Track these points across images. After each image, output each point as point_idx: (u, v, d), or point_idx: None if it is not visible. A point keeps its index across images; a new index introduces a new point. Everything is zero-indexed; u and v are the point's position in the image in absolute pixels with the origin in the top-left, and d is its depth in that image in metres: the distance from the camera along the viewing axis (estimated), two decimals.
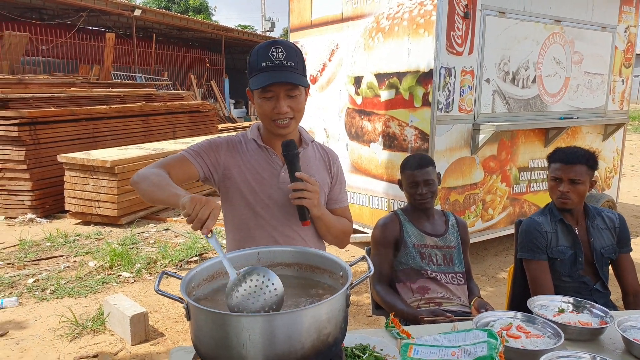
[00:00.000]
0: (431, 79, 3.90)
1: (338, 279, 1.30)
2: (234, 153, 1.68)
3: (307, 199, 1.55)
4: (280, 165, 1.68)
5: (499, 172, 4.55)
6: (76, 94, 8.49)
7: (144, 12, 15.57)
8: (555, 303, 1.74)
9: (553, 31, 4.66)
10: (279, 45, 1.53)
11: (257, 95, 1.57)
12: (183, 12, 27.45)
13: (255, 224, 1.68)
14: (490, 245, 5.03)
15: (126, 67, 16.34)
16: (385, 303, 2.17)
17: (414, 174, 2.20)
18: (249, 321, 1.04)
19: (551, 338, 1.47)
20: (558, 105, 4.91)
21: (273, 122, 1.59)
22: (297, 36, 5.32)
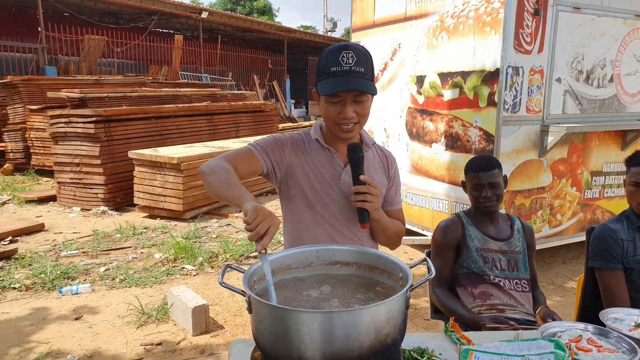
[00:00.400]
0: (497, 79, 3.77)
1: (397, 280, 1.29)
2: (297, 152, 1.70)
3: (369, 202, 1.55)
4: (342, 167, 1.69)
5: (568, 176, 4.31)
6: (146, 94, 8.97)
7: (210, 14, 16.16)
8: (631, 317, 1.63)
9: (634, 27, 4.35)
10: (350, 50, 1.52)
11: (324, 99, 1.57)
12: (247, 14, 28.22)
13: (314, 222, 1.70)
14: (557, 253, 4.78)
15: (193, 67, 17.05)
16: (444, 307, 2.12)
17: (479, 175, 2.14)
18: (309, 317, 1.05)
19: (626, 354, 1.38)
20: (638, 105, 4.58)
21: (337, 126, 1.60)
22: (359, 36, 5.31)
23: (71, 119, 6.39)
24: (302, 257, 1.42)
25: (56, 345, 3.09)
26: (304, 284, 1.36)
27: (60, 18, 14.66)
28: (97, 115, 6.32)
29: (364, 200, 1.55)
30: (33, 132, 8.20)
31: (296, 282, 1.37)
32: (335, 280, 1.37)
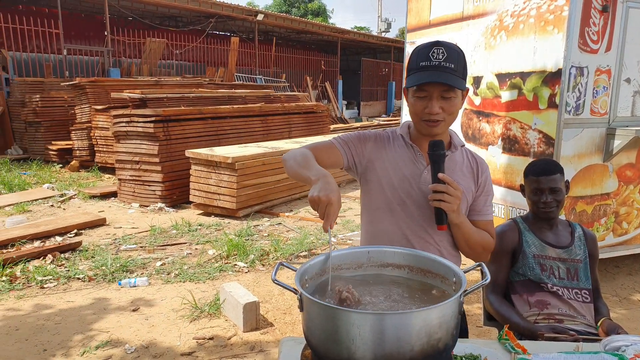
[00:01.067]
0: (559, 79, 3.61)
1: (451, 285, 1.27)
2: (380, 147, 1.70)
3: (446, 202, 1.51)
4: (424, 166, 1.65)
5: (637, 183, 4.06)
6: (203, 95, 9.27)
7: (265, 17, 16.50)
8: None
9: None
10: (441, 47, 1.52)
11: (412, 93, 1.58)
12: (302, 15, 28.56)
13: (390, 219, 1.67)
14: (622, 263, 4.52)
15: (248, 69, 17.46)
16: (498, 314, 2.06)
17: (539, 180, 2.06)
18: (360, 318, 1.06)
19: None
20: None
21: (423, 122, 1.58)
22: (414, 36, 5.25)
23: (132, 118, 6.70)
24: (353, 257, 1.43)
25: (115, 334, 3.25)
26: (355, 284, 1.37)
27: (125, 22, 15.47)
28: (156, 115, 6.60)
29: (441, 199, 1.51)
30: (98, 130, 8.66)
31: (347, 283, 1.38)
32: (387, 282, 1.37)
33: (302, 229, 5.67)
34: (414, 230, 1.65)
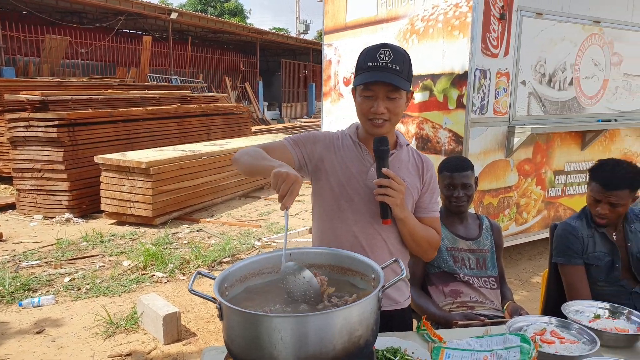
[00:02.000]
0: (466, 81, 3.85)
1: (370, 282, 1.30)
2: (329, 147, 1.73)
3: (390, 196, 1.54)
4: (371, 163, 1.69)
5: (533, 176, 4.44)
6: (113, 96, 8.77)
7: (180, 15, 15.95)
8: (591, 309, 1.70)
9: (592, 32, 4.53)
10: (388, 48, 1.57)
11: (359, 92, 1.62)
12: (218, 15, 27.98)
13: (339, 217, 1.69)
14: (524, 249, 4.92)
15: (162, 69, 16.78)
16: (417, 306, 2.16)
17: (453, 176, 2.18)
18: (281, 322, 1.05)
19: (586, 344, 1.43)
20: (596, 107, 4.76)
21: (369, 121, 1.63)
22: (331, 38, 5.34)
23: (31, 122, 6.15)
24: (274, 261, 1.42)
25: None
26: (276, 288, 1.36)
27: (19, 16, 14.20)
28: (60, 118, 6.13)
29: (384, 194, 1.54)
30: None
31: (268, 287, 1.37)
32: None
33: (224, 234, 5.56)
34: (362, 227, 1.68)
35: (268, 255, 1.43)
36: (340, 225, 1.68)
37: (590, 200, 2.10)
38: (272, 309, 1.23)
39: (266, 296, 1.31)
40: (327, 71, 5.48)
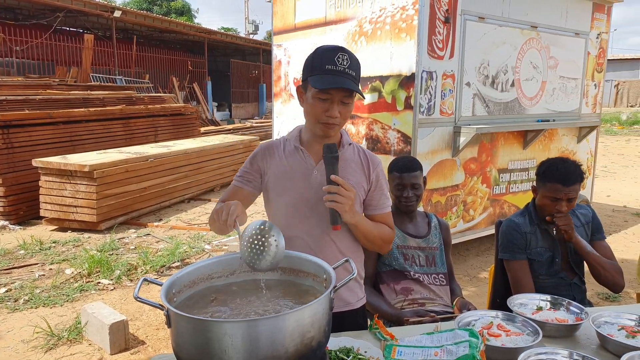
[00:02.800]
0: (413, 83, 3.94)
1: (322, 282, 1.29)
2: (269, 157, 1.73)
3: (338, 203, 1.54)
4: (313, 166, 1.68)
5: (479, 174, 4.61)
6: (52, 97, 8.33)
7: (124, 14, 15.40)
8: (533, 301, 1.77)
9: (530, 36, 4.75)
10: (345, 53, 1.57)
11: (314, 94, 1.59)
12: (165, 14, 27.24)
13: (288, 223, 1.67)
14: (471, 246, 5.08)
15: (106, 69, 16.12)
16: (369, 305, 2.17)
17: (403, 176, 2.22)
18: (231, 327, 1.03)
19: (530, 335, 1.49)
20: (535, 108, 5.00)
21: (321, 124, 1.62)
22: (281, 39, 5.32)
23: None
24: (224, 265, 1.39)
25: None
26: (227, 292, 1.33)
27: None
28: None
29: (333, 200, 1.54)
30: None
31: (218, 291, 1.34)
32: (258, 287, 1.35)
33: (173, 238, 5.41)
34: (310, 231, 1.68)
35: (218, 259, 1.40)
36: (291, 231, 1.66)
37: (547, 201, 2.13)
38: (222, 314, 1.20)
39: (216, 301, 1.28)
40: (277, 72, 5.45)
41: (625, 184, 8.86)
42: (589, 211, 2.30)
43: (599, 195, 7.34)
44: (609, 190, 8.17)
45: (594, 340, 1.54)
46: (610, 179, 9.24)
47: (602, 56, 5.74)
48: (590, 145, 5.79)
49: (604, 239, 2.27)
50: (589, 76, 5.58)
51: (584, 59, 5.44)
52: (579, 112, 5.53)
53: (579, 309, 1.67)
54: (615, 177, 9.55)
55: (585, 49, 5.42)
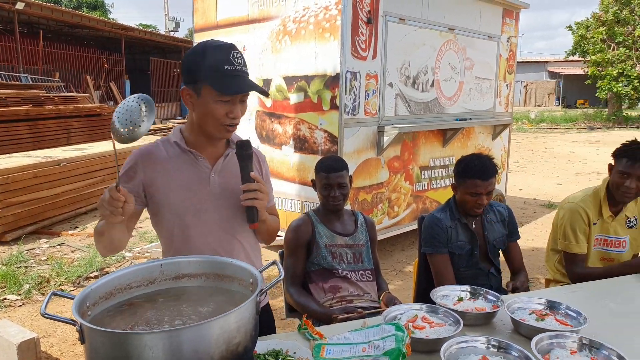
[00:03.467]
0: (338, 83, 3.99)
1: (248, 286, 1.26)
2: (150, 165, 1.59)
3: (259, 200, 1.52)
4: (209, 168, 1.62)
5: (402, 172, 4.77)
6: None
7: (27, 6, 14.25)
8: (455, 292, 1.85)
9: (447, 38, 4.99)
10: (237, 51, 1.51)
11: (214, 97, 1.48)
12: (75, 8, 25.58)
13: (188, 234, 1.60)
14: (397, 241, 5.25)
15: (8, 66, 14.84)
16: (298, 305, 2.17)
17: (329, 176, 2.23)
18: (152, 338, 0.97)
19: (452, 325, 1.55)
20: (454, 107, 5.26)
21: (222, 126, 1.54)
22: (202, 37, 5.16)
23: None
24: (143, 274, 1.31)
25: None
26: (147, 302, 1.26)
27: None
28: None
29: (254, 198, 1.51)
30: None
31: (138, 302, 1.26)
32: (182, 294, 1.29)
33: (90, 246, 5.08)
34: (217, 236, 1.62)
35: (137, 268, 1.32)
36: (193, 242, 1.61)
37: (469, 197, 2.23)
38: (142, 325, 1.13)
39: (135, 312, 1.20)
40: None
41: (535, 178, 9.59)
42: (506, 210, 2.45)
43: (512, 189, 7.88)
44: (520, 184, 8.80)
45: (509, 326, 1.64)
46: (521, 174, 9.96)
47: (512, 58, 6.17)
48: (503, 142, 6.20)
49: (517, 239, 2.45)
50: (501, 77, 5.97)
51: (496, 60, 5.81)
52: (493, 111, 5.90)
53: (495, 297, 1.77)
54: (526, 171, 10.31)
55: (498, 51, 5.79)
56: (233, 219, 1.62)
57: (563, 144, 15.41)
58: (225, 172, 1.64)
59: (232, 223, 1.62)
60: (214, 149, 1.64)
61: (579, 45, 22.45)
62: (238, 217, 1.63)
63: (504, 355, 1.37)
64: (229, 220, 1.62)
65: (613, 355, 1.34)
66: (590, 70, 21.75)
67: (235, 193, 1.59)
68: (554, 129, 20.97)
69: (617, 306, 1.84)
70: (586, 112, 25.56)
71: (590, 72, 21.68)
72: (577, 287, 2.08)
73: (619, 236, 2.48)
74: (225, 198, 1.61)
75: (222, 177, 1.62)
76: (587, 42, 21.74)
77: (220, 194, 1.59)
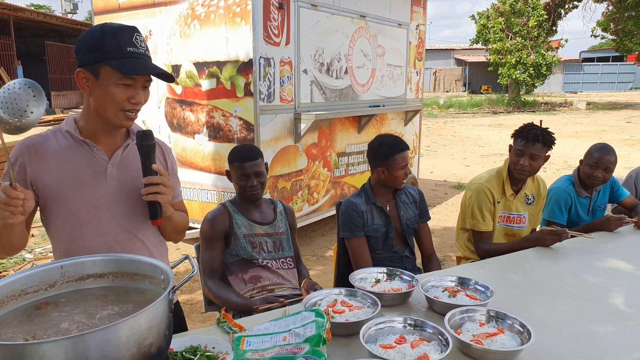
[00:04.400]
0: (251, 69, 3.91)
1: (160, 284, 1.20)
2: (38, 158, 1.45)
3: (163, 194, 1.44)
4: (106, 161, 1.50)
5: (320, 159, 4.81)
6: None
7: None
8: (372, 274, 1.90)
9: (359, 25, 5.08)
10: (139, 33, 1.43)
11: (115, 79, 1.38)
12: None
13: (82, 233, 1.48)
14: (317, 227, 5.32)
15: None
16: (218, 298, 2.11)
17: (244, 166, 2.18)
18: (52, 347, 0.89)
19: (370, 307, 1.59)
20: (367, 94, 5.39)
21: (123, 112, 1.43)
22: (103, 20, 4.80)
23: None
24: (41, 277, 1.20)
25: None
26: (47, 308, 1.15)
27: None
28: None
29: (157, 192, 1.43)
30: None
31: (36, 309, 1.15)
32: (86, 296, 1.20)
33: None
34: (115, 234, 1.52)
35: (33, 271, 1.20)
36: (88, 241, 1.50)
37: (400, 172, 2.31)
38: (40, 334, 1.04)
39: (32, 321, 1.09)
40: None
41: (445, 161, 10.15)
42: (417, 192, 2.55)
43: (423, 172, 8.28)
44: (432, 167, 9.27)
45: (424, 304, 1.72)
46: (432, 157, 10.49)
47: (422, 46, 6.42)
48: (415, 128, 6.48)
49: (428, 220, 2.56)
50: (411, 64, 6.20)
51: (406, 48, 6.02)
52: (404, 98, 6.12)
53: (410, 277, 1.84)
54: (436, 155, 10.88)
55: (407, 38, 6.00)
56: (133, 215, 1.53)
57: (470, 128, 16.45)
58: (124, 165, 1.54)
59: (132, 220, 1.53)
60: (112, 140, 1.53)
61: (481, 34, 23.92)
62: (139, 213, 1.53)
63: (419, 332, 1.43)
64: (128, 217, 1.52)
65: (516, 324, 1.45)
66: (492, 58, 23.31)
67: (136, 188, 1.50)
68: (461, 113, 22.31)
69: (519, 278, 2.00)
70: (490, 98, 27.44)
71: (492, 59, 23.25)
72: (485, 263, 2.23)
73: (519, 213, 2.69)
74: (123, 193, 1.51)
75: (120, 170, 1.52)
76: (488, 32, 23.22)
77: (119, 189, 1.50)
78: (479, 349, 1.33)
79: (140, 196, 1.46)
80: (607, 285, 1.90)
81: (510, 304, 1.67)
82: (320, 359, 1.22)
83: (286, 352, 1.29)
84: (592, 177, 2.74)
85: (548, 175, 7.95)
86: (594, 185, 2.80)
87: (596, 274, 2.03)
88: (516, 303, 1.71)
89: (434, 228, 5.22)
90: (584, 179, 2.81)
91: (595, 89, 37.19)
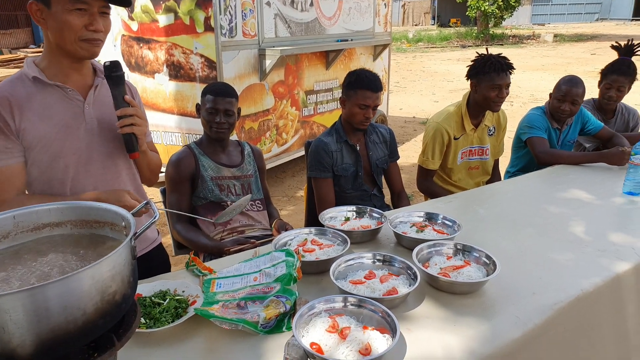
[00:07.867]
0: (211, 2, 3.68)
1: (122, 231, 1.15)
2: (16, 110, 1.36)
3: (137, 125, 1.41)
4: (82, 101, 1.45)
5: (288, 97, 4.70)
6: None
7: None
8: (342, 213, 1.91)
9: None
10: None
11: (67, 5, 1.28)
12: None
13: (67, 177, 1.45)
14: (287, 168, 5.29)
15: None
16: (187, 241, 2.10)
17: (216, 100, 2.10)
18: (8, 300, 0.85)
19: (340, 245, 1.60)
20: (334, 28, 5.20)
21: (83, 42, 1.34)
22: None
23: None
24: None
25: None
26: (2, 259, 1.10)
27: None
28: None
29: (132, 123, 1.40)
30: None
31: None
32: (44, 246, 1.15)
33: None
34: (101, 176, 1.50)
35: None
36: (73, 185, 1.46)
37: (357, 109, 2.24)
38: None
39: None
40: None
41: (414, 97, 10.12)
42: (387, 132, 2.52)
43: (393, 109, 8.25)
44: (401, 103, 9.24)
45: (392, 239, 1.74)
46: (402, 94, 10.43)
47: None
48: (384, 63, 6.36)
49: (397, 159, 2.55)
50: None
51: None
52: (373, 31, 5.95)
53: (379, 214, 1.85)
54: (405, 91, 10.81)
55: None
56: (116, 155, 1.51)
57: (439, 62, 16.33)
58: (98, 104, 1.48)
59: (114, 159, 1.51)
60: (81, 79, 1.46)
61: None
62: (121, 151, 1.51)
63: (388, 267, 1.45)
64: (111, 156, 1.50)
65: (482, 256, 1.49)
66: None
67: (113, 125, 1.46)
68: (430, 48, 22.05)
69: (485, 211, 2.04)
70: (459, 31, 27.12)
71: None
72: (453, 198, 2.27)
73: (482, 145, 2.71)
74: (102, 132, 1.48)
75: (96, 109, 1.47)
76: None
77: (98, 128, 1.46)
78: (446, 282, 1.36)
79: (118, 134, 1.43)
80: (568, 215, 1.96)
81: (477, 236, 1.71)
82: (291, 297, 1.23)
83: (257, 292, 1.29)
84: (560, 110, 2.75)
85: (515, 109, 8.07)
86: (562, 118, 2.82)
87: (558, 205, 2.09)
88: (483, 236, 1.75)
89: (403, 165, 5.27)
90: (553, 112, 2.83)
91: (563, 20, 37.18)
